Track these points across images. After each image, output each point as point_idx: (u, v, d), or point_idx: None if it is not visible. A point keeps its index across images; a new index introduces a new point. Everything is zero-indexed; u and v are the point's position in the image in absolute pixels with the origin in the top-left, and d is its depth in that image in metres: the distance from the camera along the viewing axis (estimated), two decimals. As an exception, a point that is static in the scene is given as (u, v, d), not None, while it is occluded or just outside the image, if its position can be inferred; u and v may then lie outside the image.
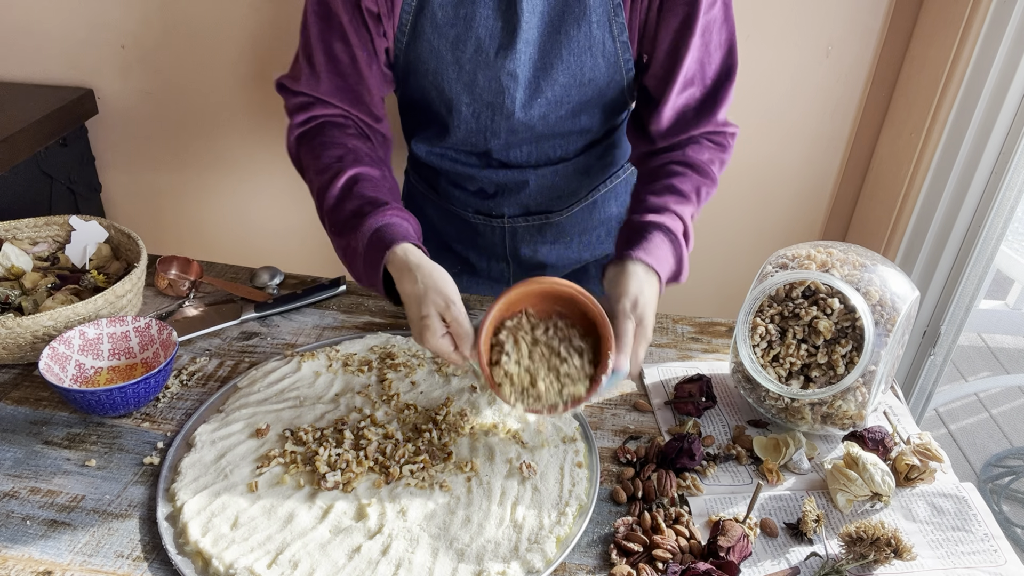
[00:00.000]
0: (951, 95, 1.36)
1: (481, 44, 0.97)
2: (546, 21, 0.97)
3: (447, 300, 0.84)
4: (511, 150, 1.11)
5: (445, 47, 0.98)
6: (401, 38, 1.00)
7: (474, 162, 1.15)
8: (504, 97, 1.02)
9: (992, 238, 1.43)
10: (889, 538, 0.75)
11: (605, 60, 0.99)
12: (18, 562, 0.76)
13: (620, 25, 0.97)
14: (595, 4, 0.95)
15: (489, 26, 0.96)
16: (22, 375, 1.01)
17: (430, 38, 0.98)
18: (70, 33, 1.60)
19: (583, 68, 1.00)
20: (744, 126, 1.58)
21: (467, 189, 1.19)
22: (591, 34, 0.97)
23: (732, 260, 1.77)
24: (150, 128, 1.72)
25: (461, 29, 0.97)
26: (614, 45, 0.99)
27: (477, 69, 0.99)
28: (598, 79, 1.01)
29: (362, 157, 0.99)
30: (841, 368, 0.87)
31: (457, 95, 1.03)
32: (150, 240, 1.19)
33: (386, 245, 0.89)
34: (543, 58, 0.99)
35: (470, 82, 1.01)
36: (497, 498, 0.83)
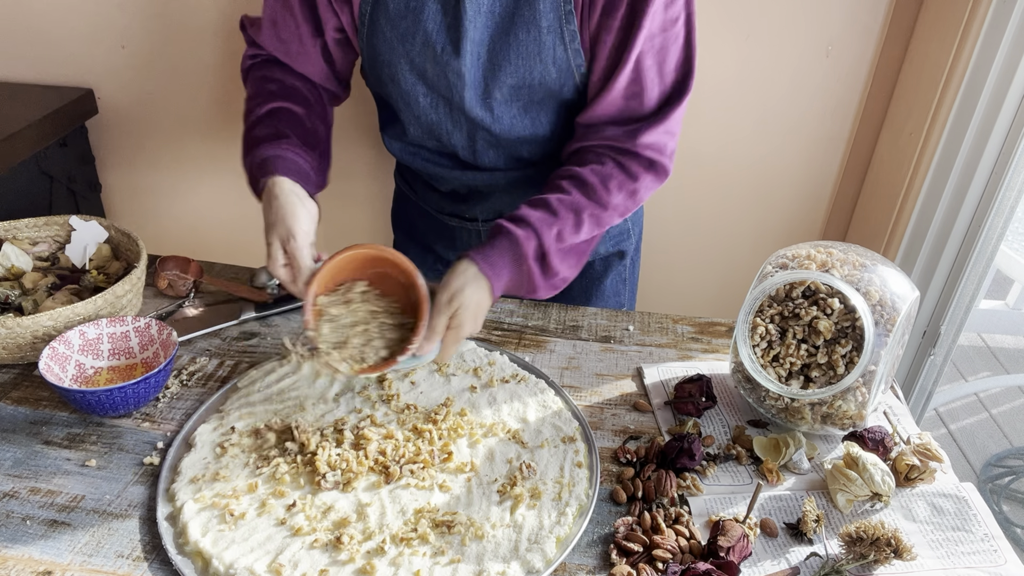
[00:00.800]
0: (951, 95, 1.36)
1: (429, 38, 0.98)
2: (495, 22, 0.96)
3: (289, 233, 0.91)
4: (478, 153, 1.10)
5: (396, 39, 0.99)
6: (362, 28, 1.01)
7: (445, 163, 1.15)
8: (453, 93, 1.02)
9: (992, 238, 1.43)
10: (889, 538, 0.75)
11: (556, 66, 0.98)
12: (18, 562, 0.76)
13: (572, 32, 0.96)
14: (545, 10, 0.94)
15: (437, 21, 0.97)
16: (22, 375, 1.01)
17: (384, 29, 0.99)
18: (70, 33, 1.60)
19: (532, 72, 0.99)
20: (744, 126, 1.59)
21: (440, 191, 1.20)
22: (540, 39, 0.96)
23: (732, 260, 1.77)
24: (150, 128, 1.72)
25: (410, 22, 0.98)
26: (565, 52, 0.97)
27: (426, 62, 1.00)
28: (548, 83, 1.00)
29: (293, 94, 1.06)
30: (841, 368, 0.87)
31: (412, 86, 1.03)
32: (150, 240, 1.19)
33: (266, 173, 0.96)
34: (491, 59, 0.98)
35: (422, 74, 1.02)
36: (497, 498, 0.83)
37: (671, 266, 1.80)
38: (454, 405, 0.96)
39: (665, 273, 1.81)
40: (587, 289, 1.31)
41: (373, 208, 1.76)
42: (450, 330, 0.89)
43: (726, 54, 1.50)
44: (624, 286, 1.35)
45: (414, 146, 1.15)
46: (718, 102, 1.56)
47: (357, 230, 1.80)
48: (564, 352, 1.10)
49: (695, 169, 1.64)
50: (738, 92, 1.55)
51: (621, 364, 1.08)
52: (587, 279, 1.31)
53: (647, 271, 1.78)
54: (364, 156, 1.69)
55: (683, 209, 1.71)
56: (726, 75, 1.53)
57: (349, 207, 1.77)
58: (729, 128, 1.59)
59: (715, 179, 1.67)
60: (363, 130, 1.65)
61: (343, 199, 1.75)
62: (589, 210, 0.99)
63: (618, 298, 1.34)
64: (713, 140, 1.60)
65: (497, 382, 1.00)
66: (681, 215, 1.72)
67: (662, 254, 1.77)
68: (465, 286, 0.90)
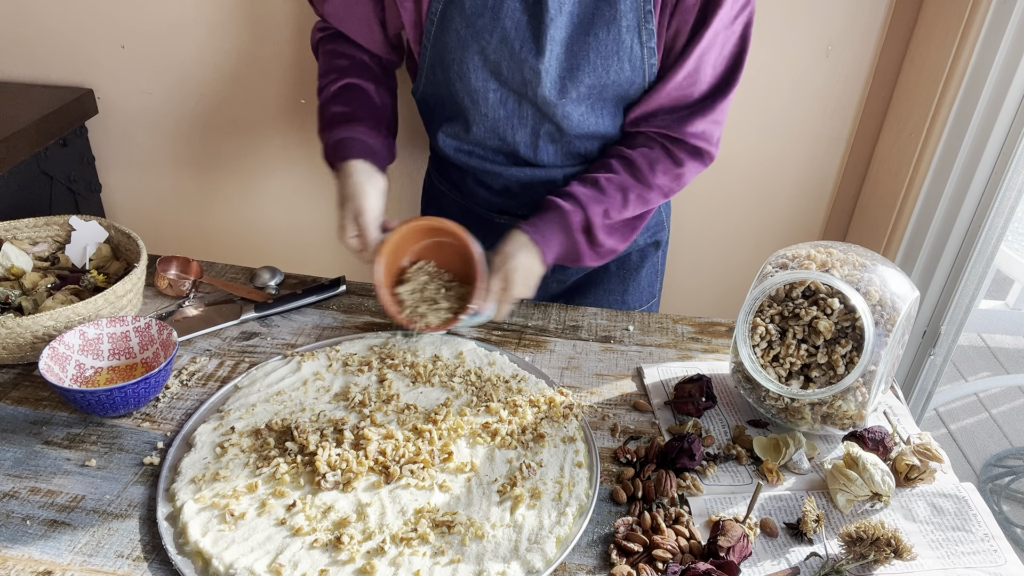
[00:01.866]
0: (951, 95, 1.36)
1: (506, 35, 0.98)
2: (575, 22, 0.97)
3: (359, 209, 1.01)
4: (539, 150, 1.11)
5: (471, 36, 1.00)
6: (430, 27, 1.02)
7: (501, 160, 1.15)
8: (526, 89, 1.03)
9: (992, 238, 1.43)
10: (889, 538, 0.75)
11: (631, 65, 1.00)
12: (18, 562, 0.76)
13: (649, 31, 0.98)
14: (626, 9, 0.96)
15: (516, 18, 0.97)
16: (22, 375, 1.01)
17: (458, 27, 1.00)
18: (70, 33, 1.60)
19: (609, 71, 1.00)
20: (744, 126, 1.59)
21: (492, 188, 1.19)
22: (620, 38, 0.98)
23: (732, 260, 1.77)
24: (150, 128, 1.72)
25: (488, 19, 0.98)
26: (641, 51, 0.99)
27: (501, 60, 1.00)
28: (621, 82, 1.02)
29: (363, 70, 1.13)
30: (841, 368, 0.87)
31: (483, 82, 1.04)
32: (150, 240, 1.19)
33: (341, 155, 1.06)
34: (570, 59, 0.99)
35: (495, 70, 1.02)
36: (497, 498, 0.83)
37: (671, 266, 1.80)
38: (454, 405, 0.96)
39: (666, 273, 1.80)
40: (624, 280, 1.32)
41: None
42: (504, 291, 1.01)
43: (726, 54, 1.50)
44: (657, 277, 1.37)
45: (472, 144, 1.15)
46: (718, 102, 1.55)
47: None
48: (564, 352, 1.10)
49: (695, 169, 1.64)
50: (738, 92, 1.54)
51: (621, 364, 1.08)
52: (625, 270, 1.31)
53: (647, 271, 1.78)
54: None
55: (683, 209, 1.71)
56: (726, 75, 1.52)
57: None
58: (729, 128, 1.59)
59: (715, 179, 1.66)
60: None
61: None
62: (635, 191, 1.07)
63: (652, 288, 1.36)
64: (713, 140, 1.60)
65: (497, 382, 1.00)
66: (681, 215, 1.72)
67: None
68: (517, 251, 1.01)
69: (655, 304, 1.39)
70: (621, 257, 1.31)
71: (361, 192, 1.02)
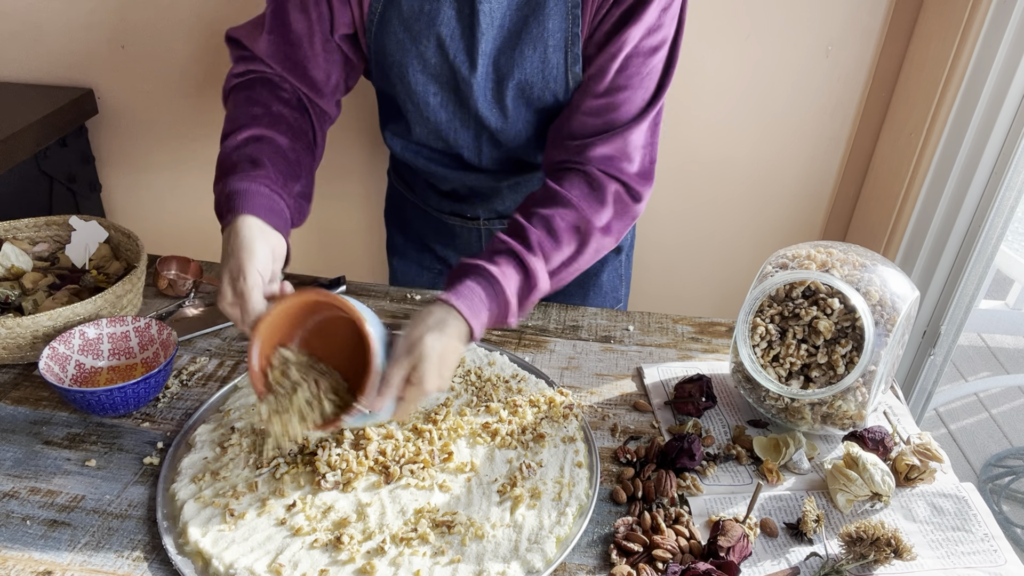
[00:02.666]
0: (951, 95, 1.36)
1: (442, 43, 0.97)
2: (504, 36, 0.97)
3: (240, 271, 0.82)
4: (483, 155, 1.10)
5: (409, 39, 0.98)
6: (371, 27, 1.00)
7: (448, 163, 1.14)
8: (462, 96, 1.02)
9: (992, 238, 1.43)
10: (889, 538, 0.75)
11: (556, 84, 0.98)
12: (18, 562, 0.76)
13: (575, 55, 0.96)
14: (554, 28, 0.94)
15: (451, 27, 0.96)
16: (22, 375, 1.01)
17: (396, 29, 0.98)
18: (70, 33, 1.60)
19: (533, 88, 0.99)
20: (744, 126, 1.59)
21: (441, 190, 1.19)
22: (546, 57, 0.96)
23: (732, 260, 1.77)
24: (150, 128, 1.72)
25: (424, 24, 0.97)
26: (566, 75, 0.97)
27: (440, 64, 1.00)
28: (546, 99, 1.00)
29: (279, 122, 0.97)
30: (841, 368, 0.87)
31: (423, 85, 1.02)
32: (150, 240, 1.19)
33: (232, 209, 0.87)
34: (497, 72, 0.99)
35: (435, 74, 1.01)
36: (497, 498, 0.83)
37: (671, 266, 1.80)
38: (454, 405, 0.96)
39: (665, 273, 1.81)
40: (584, 284, 1.31)
41: (368, 207, 1.76)
42: (410, 385, 0.79)
43: (726, 54, 1.50)
44: (621, 282, 1.35)
45: (417, 145, 1.14)
46: (718, 102, 1.56)
47: (352, 229, 1.80)
48: (564, 352, 1.10)
49: (695, 169, 1.64)
50: (738, 92, 1.55)
51: (621, 364, 1.08)
52: (584, 275, 1.31)
53: (647, 271, 1.78)
54: (359, 155, 1.68)
55: (683, 209, 1.71)
56: (726, 75, 1.53)
57: (344, 206, 1.77)
58: (729, 128, 1.59)
59: (715, 179, 1.66)
60: (357, 129, 1.65)
61: (338, 199, 1.75)
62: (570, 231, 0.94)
63: (615, 293, 1.35)
64: (713, 140, 1.60)
65: (497, 382, 1.00)
66: (681, 215, 1.72)
67: (662, 254, 1.77)
68: (426, 333, 0.80)
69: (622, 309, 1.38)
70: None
71: (246, 250, 0.83)
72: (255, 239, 0.85)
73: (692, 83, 1.53)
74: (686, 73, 1.52)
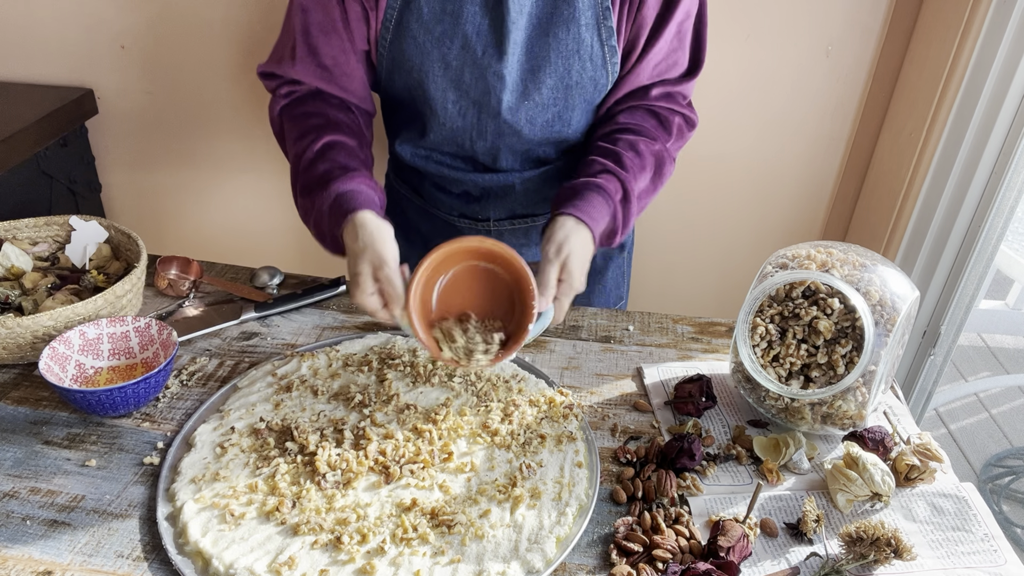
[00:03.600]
0: (951, 95, 1.36)
1: (468, 41, 0.97)
2: (534, 23, 0.97)
3: (381, 260, 0.86)
4: (497, 154, 1.10)
5: (431, 43, 0.98)
6: (386, 34, 1.00)
7: (460, 165, 1.14)
8: (491, 97, 1.01)
9: (992, 238, 1.43)
10: (889, 538, 0.75)
11: (592, 64, 0.99)
12: (18, 562, 0.76)
13: (608, 29, 0.97)
14: (584, 7, 0.95)
15: (476, 23, 0.96)
16: (22, 375, 1.01)
17: (415, 34, 0.98)
18: (70, 33, 1.60)
19: (571, 71, 0.99)
20: (744, 126, 1.59)
21: (452, 192, 1.19)
22: (580, 37, 0.97)
23: (732, 260, 1.77)
24: (150, 128, 1.72)
25: (448, 25, 0.97)
26: (602, 49, 0.99)
27: (464, 66, 0.99)
28: (584, 82, 1.01)
29: (341, 126, 1.01)
30: (841, 368, 0.87)
31: (443, 92, 1.02)
32: (150, 240, 1.19)
33: (348, 210, 0.91)
34: (531, 60, 0.99)
35: (456, 79, 1.01)
36: (497, 498, 0.83)
37: (671, 266, 1.80)
38: (454, 405, 0.96)
39: (665, 273, 1.81)
40: (590, 283, 1.31)
41: None
42: (562, 282, 0.90)
43: (726, 54, 1.50)
44: (623, 279, 1.36)
45: (428, 150, 1.14)
46: (718, 102, 1.56)
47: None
48: (564, 352, 1.10)
49: (695, 169, 1.64)
50: (738, 92, 1.55)
51: (621, 364, 1.08)
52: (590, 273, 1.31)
53: (647, 271, 1.78)
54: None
55: (683, 209, 1.71)
56: (726, 75, 1.53)
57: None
58: (729, 128, 1.59)
59: (715, 179, 1.67)
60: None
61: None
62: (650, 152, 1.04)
63: (619, 291, 1.35)
64: (713, 140, 1.60)
65: (497, 382, 1.00)
66: (681, 215, 1.72)
67: (662, 254, 1.77)
68: (570, 236, 0.91)
69: (622, 307, 1.39)
70: None
71: (381, 240, 0.88)
72: (382, 229, 0.90)
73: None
74: (686, 73, 1.52)
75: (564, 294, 0.90)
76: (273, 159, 1.73)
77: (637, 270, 1.77)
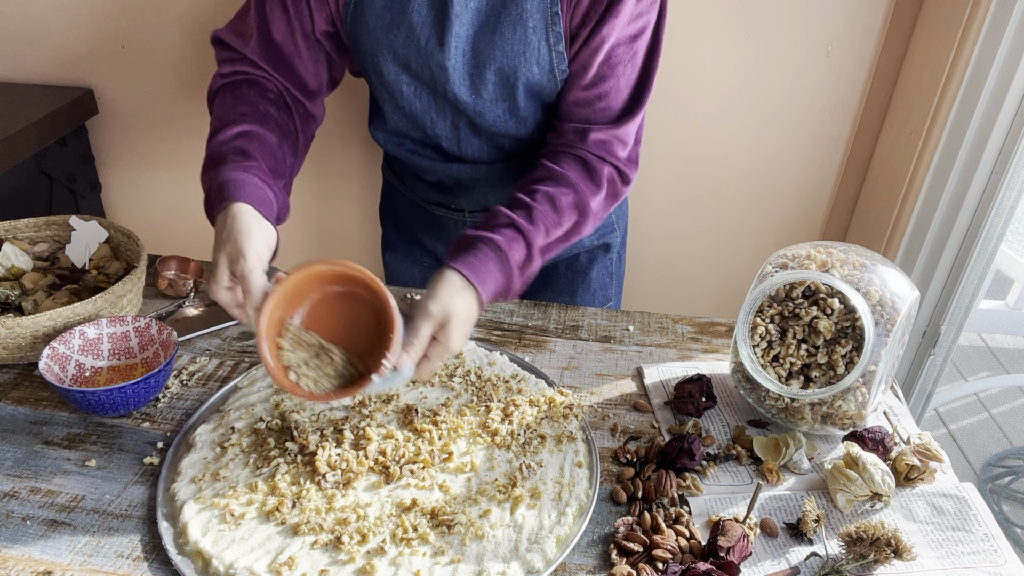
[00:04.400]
0: (951, 95, 1.36)
1: (413, 30, 0.98)
2: (482, 19, 0.97)
3: (240, 254, 0.81)
4: (462, 143, 1.11)
5: (381, 29, 0.99)
6: (346, 18, 1.01)
7: (429, 154, 1.15)
8: (435, 84, 1.02)
9: (992, 238, 1.43)
10: (889, 538, 0.75)
11: (539, 66, 0.99)
12: (18, 562, 0.76)
13: (557, 34, 0.97)
14: (532, 9, 0.95)
15: (423, 13, 0.97)
16: (22, 375, 1.01)
17: (367, 19, 0.99)
18: (70, 33, 1.60)
19: (516, 71, 0.99)
20: (744, 126, 1.59)
21: (427, 181, 1.21)
22: (526, 38, 0.97)
23: (732, 260, 1.77)
24: (150, 128, 1.72)
25: (396, 13, 0.98)
26: (550, 53, 0.98)
27: (409, 54, 1.00)
28: (532, 83, 1.01)
29: (266, 119, 0.98)
30: (841, 368, 0.87)
31: (395, 75, 1.03)
32: (150, 240, 1.19)
33: (226, 197, 0.87)
34: (476, 56, 0.99)
35: (405, 64, 1.02)
36: (497, 498, 0.83)
37: (671, 266, 1.80)
38: (454, 405, 0.96)
39: (665, 273, 1.81)
40: (573, 281, 1.32)
41: (363, 206, 1.76)
42: (437, 344, 0.83)
43: (726, 54, 1.50)
44: (611, 280, 1.36)
45: (399, 136, 1.15)
46: (718, 102, 1.56)
47: (349, 228, 1.80)
48: (564, 352, 1.10)
49: (695, 169, 1.64)
50: (738, 92, 1.55)
51: (621, 364, 1.08)
52: (573, 271, 1.31)
53: (647, 271, 1.78)
54: (353, 153, 1.69)
55: (683, 209, 1.71)
56: (726, 75, 1.53)
57: (340, 205, 1.77)
58: (729, 128, 1.59)
59: (715, 179, 1.66)
60: (353, 127, 1.65)
61: (334, 198, 1.75)
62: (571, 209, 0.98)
63: (605, 291, 1.35)
64: (713, 140, 1.60)
65: (497, 382, 1.00)
66: (681, 215, 1.72)
67: (663, 254, 1.77)
68: (455, 295, 0.84)
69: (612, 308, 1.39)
70: (569, 258, 1.31)
71: (244, 233, 0.83)
72: (252, 224, 0.85)
73: (692, 83, 1.53)
74: (686, 73, 1.52)
75: (437, 356, 0.84)
76: (273, 159, 1.73)
77: (637, 270, 1.77)
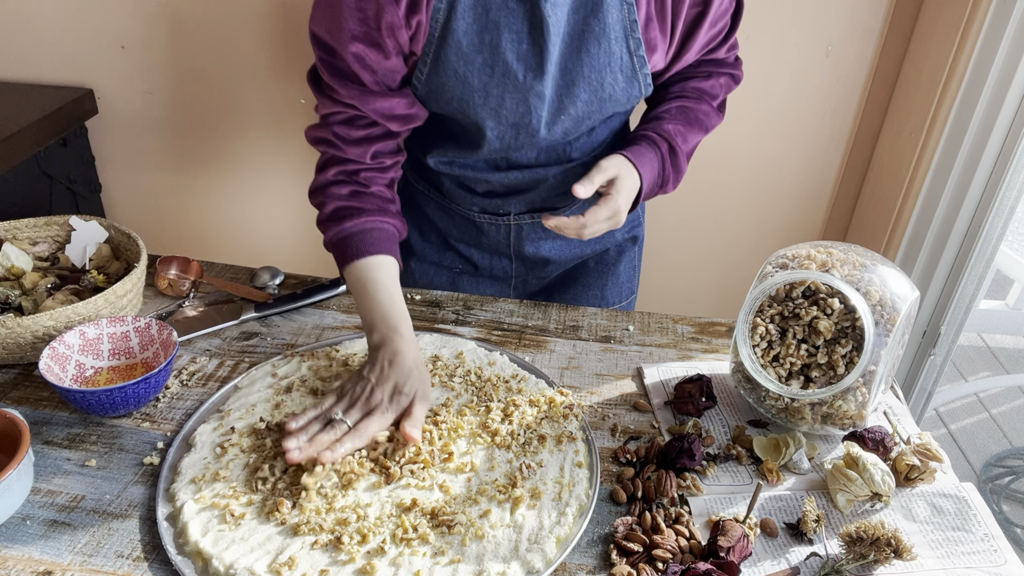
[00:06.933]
0: (951, 95, 1.36)
1: (509, 68, 0.98)
2: (567, 41, 0.98)
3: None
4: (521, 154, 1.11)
5: (471, 73, 0.98)
6: (423, 67, 1.00)
7: (482, 166, 1.15)
8: (530, 118, 1.02)
9: (992, 238, 1.43)
10: (889, 538, 0.75)
11: (623, 75, 1.01)
12: (18, 562, 0.76)
13: (636, 40, 0.99)
14: (613, 21, 0.97)
15: (516, 49, 0.97)
16: (22, 375, 1.01)
17: (455, 66, 0.98)
18: (70, 33, 1.60)
19: (603, 84, 1.01)
20: (744, 126, 1.59)
21: (475, 191, 1.19)
22: (610, 50, 0.99)
23: (732, 260, 1.77)
24: (150, 128, 1.72)
25: (488, 55, 0.97)
26: (631, 60, 1.01)
27: (505, 92, 1.00)
28: (617, 94, 1.03)
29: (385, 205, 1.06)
30: (841, 368, 0.87)
31: (483, 120, 1.03)
32: (150, 240, 1.19)
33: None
34: (564, 76, 1.00)
35: (496, 107, 1.01)
36: (497, 498, 0.83)
37: (671, 266, 1.80)
38: (454, 405, 0.96)
39: (665, 273, 1.81)
40: (603, 275, 1.32)
41: None
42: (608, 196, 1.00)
43: (726, 54, 1.50)
44: (635, 273, 1.37)
45: (449, 156, 1.15)
46: (718, 102, 1.56)
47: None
48: (564, 352, 1.10)
49: (695, 169, 1.64)
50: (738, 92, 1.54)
51: (621, 364, 1.08)
52: (603, 265, 1.32)
53: (647, 271, 1.78)
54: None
55: (683, 209, 1.71)
56: (726, 75, 1.52)
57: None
58: (729, 128, 1.59)
59: (715, 179, 1.67)
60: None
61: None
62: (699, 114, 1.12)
63: (630, 284, 1.36)
64: (713, 140, 1.60)
65: (497, 382, 1.00)
66: (681, 215, 1.72)
67: (662, 254, 1.77)
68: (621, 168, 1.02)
69: (632, 301, 1.40)
70: (599, 252, 1.32)
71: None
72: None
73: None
74: (686, 73, 1.52)
75: (605, 204, 1.00)
76: (274, 159, 1.73)
77: (637, 270, 1.77)
